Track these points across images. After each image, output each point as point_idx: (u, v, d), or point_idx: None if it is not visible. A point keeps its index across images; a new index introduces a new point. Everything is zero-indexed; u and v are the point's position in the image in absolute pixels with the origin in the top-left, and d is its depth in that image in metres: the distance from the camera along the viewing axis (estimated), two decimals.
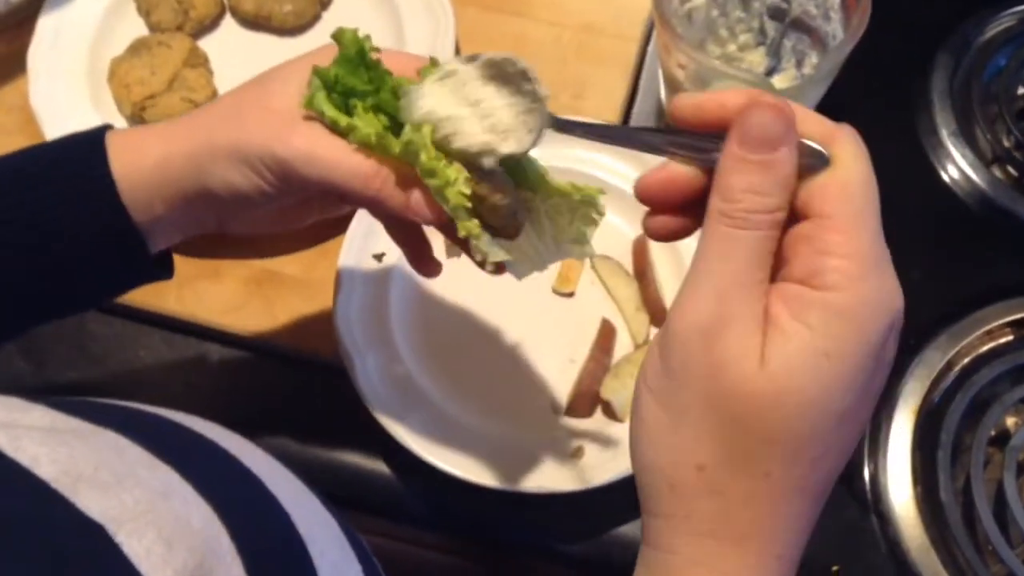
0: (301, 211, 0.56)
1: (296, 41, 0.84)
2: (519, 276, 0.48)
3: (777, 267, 0.36)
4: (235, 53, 0.84)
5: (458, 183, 0.43)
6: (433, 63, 0.46)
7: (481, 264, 0.45)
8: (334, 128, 0.47)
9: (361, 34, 0.47)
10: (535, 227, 0.48)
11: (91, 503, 0.32)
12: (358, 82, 0.47)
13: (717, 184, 0.36)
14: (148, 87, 0.78)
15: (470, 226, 0.44)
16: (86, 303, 0.56)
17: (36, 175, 0.50)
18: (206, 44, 0.84)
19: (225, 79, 0.82)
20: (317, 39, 0.85)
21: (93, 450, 0.35)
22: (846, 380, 0.34)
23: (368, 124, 0.46)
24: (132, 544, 0.31)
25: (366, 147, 0.46)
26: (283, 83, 0.49)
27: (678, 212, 0.40)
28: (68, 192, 0.49)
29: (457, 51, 0.80)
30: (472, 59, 0.44)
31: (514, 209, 0.45)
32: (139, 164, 0.49)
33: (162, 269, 0.55)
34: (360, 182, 0.46)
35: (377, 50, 0.48)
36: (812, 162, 0.35)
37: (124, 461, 0.36)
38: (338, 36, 0.47)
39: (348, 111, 0.47)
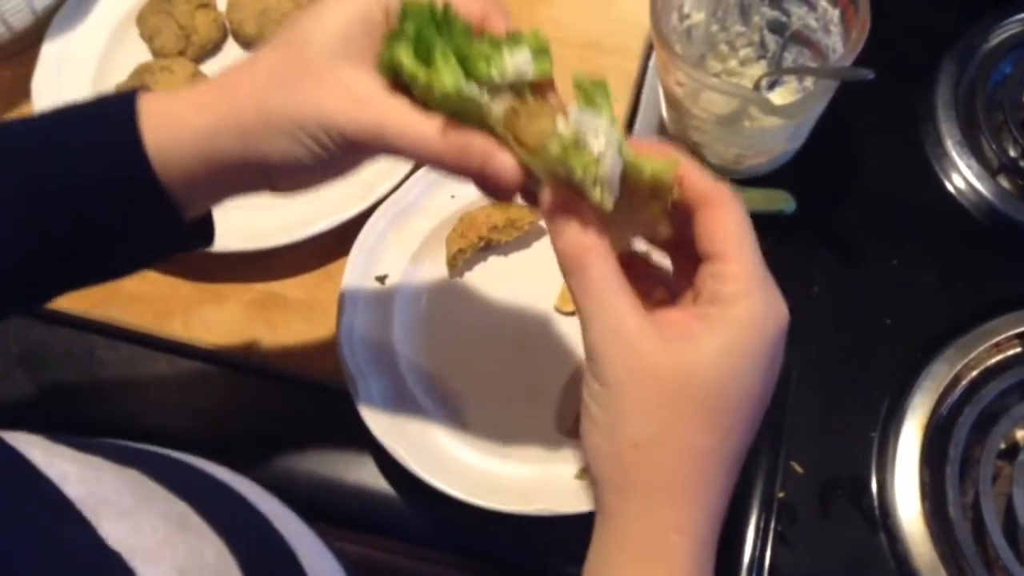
0: (357, 161, 0.52)
1: None
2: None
3: (693, 295, 0.44)
4: None
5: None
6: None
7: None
8: (412, 82, 0.44)
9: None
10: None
11: (111, 529, 0.33)
12: (441, 40, 0.44)
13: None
14: None
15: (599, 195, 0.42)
16: (121, 271, 0.54)
17: (63, 143, 0.48)
18: (209, 68, 0.84)
19: None
20: None
21: (116, 478, 0.36)
22: (744, 368, 0.42)
23: (448, 73, 0.43)
24: (148, 571, 0.32)
25: (448, 109, 0.44)
26: (324, 43, 0.46)
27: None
28: (97, 164, 0.47)
29: None
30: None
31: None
32: (176, 137, 0.47)
33: (201, 238, 0.53)
34: (433, 154, 0.45)
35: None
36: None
37: (144, 492, 0.37)
38: (403, 12, 0.45)
39: (427, 62, 0.44)
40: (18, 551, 0.30)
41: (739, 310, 0.42)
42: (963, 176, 0.78)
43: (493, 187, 0.45)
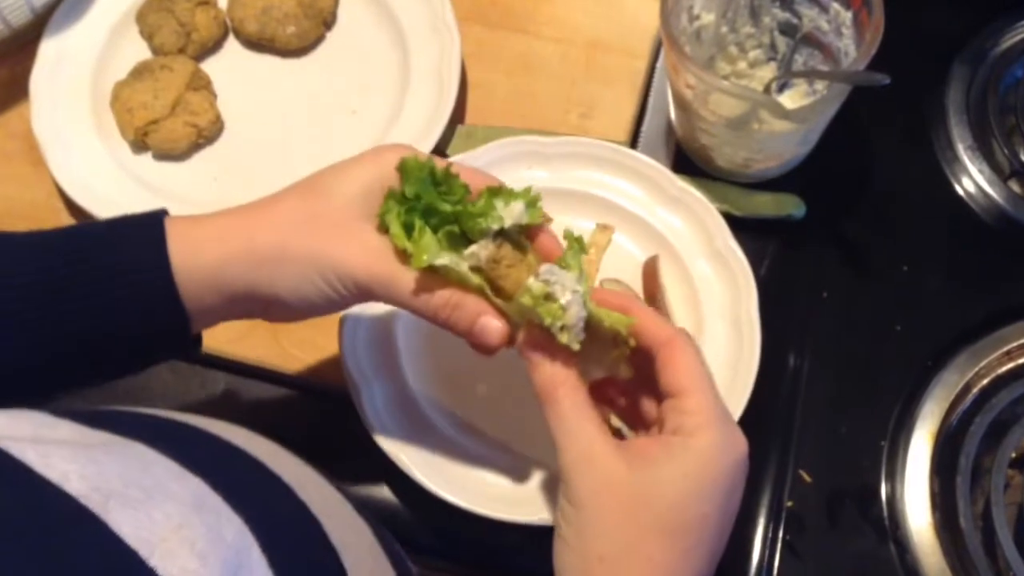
0: (357, 303, 0.56)
1: (300, 62, 0.83)
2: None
3: (658, 427, 0.49)
4: (238, 75, 0.83)
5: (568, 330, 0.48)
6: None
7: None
8: (395, 248, 0.49)
9: (422, 158, 0.50)
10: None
11: (123, 522, 0.32)
12: (438, 199, 0.49)
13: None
14: (151, 111, 0.77)
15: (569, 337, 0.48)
16: (115, 377, 0.56)
17: (93, 267, 0.50)
18: (209, 67, 0.83)
19: (228, 102, 0.82)
20: (319, 62, 0.84)
21: (122, 465, 0.35)
22: (703, 492, 0.46)
23: (424, 249, 0.48)
24: (166, 566, 0.31)
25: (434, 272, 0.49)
26: (345, 197, 0.50)
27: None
28: (127, 292, 0.50)
29: (463, 71, 0.79)
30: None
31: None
32: (195, 263, 0.50)
33: (196, 346, 0.56)
34: (430, 312, 0.50)
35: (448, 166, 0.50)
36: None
37: (153, 475, 0.36)
38: (402, 167, 0.49)
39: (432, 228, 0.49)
40: (30, 565, 0.29)
41: (698, 440, 0.46)
42: (974, 181, 0.77)
43: (478, 345, 0.50)
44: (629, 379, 0.53)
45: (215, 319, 0.54)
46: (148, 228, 0.51)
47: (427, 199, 0.49)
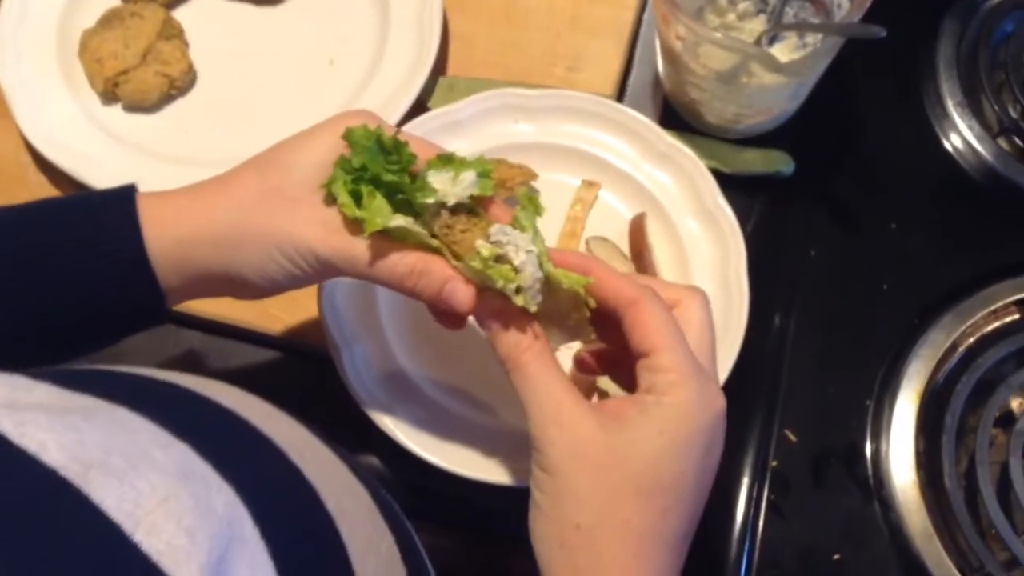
0: (324, 278, 0.55)
1: (274, 11, 0.81)
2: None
3: (632, 387, 0.47)
4: (211, 24, 0.80)
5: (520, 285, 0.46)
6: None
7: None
8: (344, 218, 0.48)
9: (372, 125, 0.48)
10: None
11: (105, 494, 0.30)
12: (384, 169, 0.47)
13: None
14: (121, 61, 0.75)
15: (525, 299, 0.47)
16: (80, 355, 0.56)
17: (68, 240, 0.49)
18: (180, 14, 0.80)
19: (201, 51, 0.79)
20: (295, 10, 0.81)
21: (103, 432, 0.33)
22: (678, 450, 0.45)
23: (376, 213, 0.46)
24: (151, 542, 0.30)
25: (393, 238, 0.47)
26: (302, 170, 0.49)
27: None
28: (104, 263, 0.49)
29: (445, 20, 0.77)
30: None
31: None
32: (160, 243, 0.49)
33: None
34: (396, 281, 0.48)
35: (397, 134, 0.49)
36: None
37: (137, 442, 0.34)
38: (348, 137, 0.48)
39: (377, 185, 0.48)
40: (4, 544, 0.28)
41: (672, 397, 0.45)
42: (963, 137, 0.76)
43: (447, 311, 0.48)
44: (597, 341, 0.51)
45: (184, 297, 0.53)
46: (120, 204, 0.50)
47: (373, 169, 0.47)
